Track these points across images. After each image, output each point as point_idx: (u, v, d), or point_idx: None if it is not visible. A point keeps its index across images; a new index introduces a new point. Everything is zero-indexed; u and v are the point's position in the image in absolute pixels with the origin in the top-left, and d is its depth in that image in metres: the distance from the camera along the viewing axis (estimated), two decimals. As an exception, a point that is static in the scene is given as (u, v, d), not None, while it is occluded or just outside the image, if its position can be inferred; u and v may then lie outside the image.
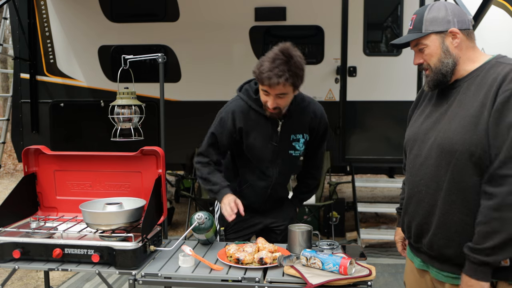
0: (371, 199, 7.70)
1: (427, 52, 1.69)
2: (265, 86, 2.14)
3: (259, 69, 2.12)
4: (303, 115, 2.36)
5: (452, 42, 1.65)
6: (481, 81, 1.61)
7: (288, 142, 2.34)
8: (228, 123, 2.30)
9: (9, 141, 7.36)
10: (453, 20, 1.65)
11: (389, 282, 4.06)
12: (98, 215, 2.06)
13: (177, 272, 1.90)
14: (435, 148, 1.64)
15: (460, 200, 1.58)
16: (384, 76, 5.38)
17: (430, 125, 1.71)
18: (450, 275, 1.66)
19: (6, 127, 6.07)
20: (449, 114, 1.65)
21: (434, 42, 1.67)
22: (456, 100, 1.65)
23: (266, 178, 2.37)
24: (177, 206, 6.87)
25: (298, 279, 1.79)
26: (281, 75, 2.07)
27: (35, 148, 2.34)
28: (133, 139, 2.56)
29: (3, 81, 15.12)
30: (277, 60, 2.09)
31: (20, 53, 5.59)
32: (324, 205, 5.29)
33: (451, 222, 1.61)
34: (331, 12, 5.32)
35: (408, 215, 1.78)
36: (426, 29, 1.67)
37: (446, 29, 1.65)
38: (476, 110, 1.56)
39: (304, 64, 2.18)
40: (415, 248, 1.80)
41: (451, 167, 1.59)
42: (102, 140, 3.66)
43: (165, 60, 3.05)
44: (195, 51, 5.38)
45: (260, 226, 2.45)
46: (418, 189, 1.71)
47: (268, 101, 2.18)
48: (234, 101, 2.36)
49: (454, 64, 1.66)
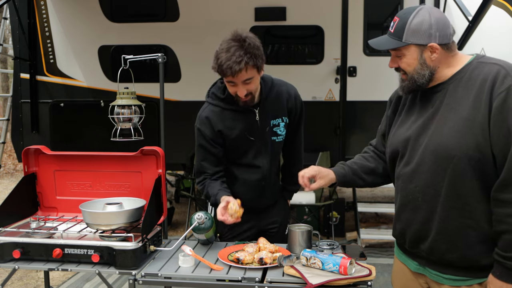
0: (371, 199, 7.70)
1: (404, 60, 1.67)
2: (228, 77, 2.10)
3: (217, 63, 2.09)
4: (278, 98, 2.34)
5: (431, 56, 1.63)
6: (467, 83, 1.59)
7: (269, 129, 2.33)
8: (207, 131, 2.27)
9: (9, 141, 7.35)
10: (434, 34, 1.61)
11: (389, 282, 4.05)
12: (98, 215, 2.06)
13: (177, 272, 1.90)
14: (428, 154, 1.62)
15: (461, 204, 1.57)
16: (384, 76, 5.37)
17: (418, 131, 1.68)
18: (451, 277, 1.65)
19: (6, 127, 6.08)
20: (438, 119, 1.63)
21: (412, 54, 1.64)
22: (444, 104, 1.63)
23: (258, 170, 2.34)
24: (177, 206, 6.87)
25: (298, 279, 1.79)
26: (240, 61, 2.04)
27: (35, 148, 2.33)
28: (133, 139, 2.56)
29: (3, 81, 15.12)
30: (232, 48, 2.05)
31: (20, 53, 5.59)
32: (324, 205, 5.29)
33: (452, 227, 1.60)
34: (331, 12, 5.32)
35: (401, 222, 1.76)
36: (407, 39, 1.63)
37: (426, 43, 1.62)
38: (469, 113, 1.55)
39: (259, 43, 2.13)
40: (411, 252, 1.79)
41: (448, 172, 1.57)
42: (102, 140, 3.66)
43: (165, 60, 3.05)
44: (195, 51, 5.37)
45: (254, 230, 2.41)
46: (413, 196, 1.69)
47: (237, 91, 2.16)
48: (205, 108, 2.33)
49: (431, 74, 1.65)
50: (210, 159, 2.31)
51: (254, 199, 2.36)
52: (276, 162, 2.44)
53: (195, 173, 2.40)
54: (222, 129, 2.27)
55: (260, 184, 2.36)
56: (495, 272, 1.54)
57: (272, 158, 2.37)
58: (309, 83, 5.42)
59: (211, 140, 2.28)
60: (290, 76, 5.41)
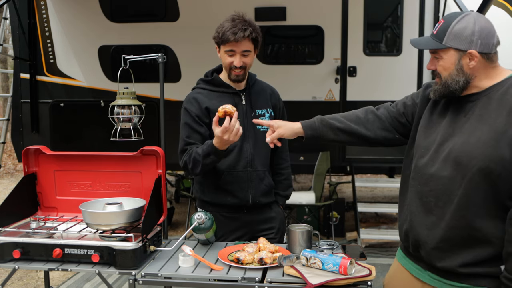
0: (371, 199, 7.71)
1: (441, 64, 1.65)
2: (231, 43, 2.23)
3: (221, 30, 2.24)
4: (263, 91, 2.46)
5: (469, 63, 1.60)
6: (502, 97, 1.56)
7: (254, 115, 2.37)
8: (193, 108, 2.33)
9: (9, 141, 7.36)
10: (476, 42, 1.58)
11: (389, 282, 4.06)
12: (98, 215, 2.06)
13: (177, 272, 1.90)
14: (450, 161, 1.60)
15: (471, 214, 1.55)
16: (384, 76, 5.38)
17: (445, 137, 1.66)
18: (451, 284, 1.64)
19: (6, 127, 6.08)
20: (468, 127, 1.60)
21: (451, 58, 1.62)
22: (475, 114, 1.60)
23: (242, 155, 2.33)
24: (177, 206, 6.87)
25: (298, 279, 1.79)
26: (245, 29, 2.22)
27: (35, 148, 2.33)
28: (133, 139, 2.55)
29: (3, 81, 15.12)
30: (236, 19, 2.25)
31: (20, 53, 5.59)
32: (324, 205, 5.30)
33: (458, 236, 1.58)
34: (331, 12, 5.33)
35: (408, 224, 1.75)
36: (447, 42, 1.61)
37: (466, 49, 1.59)
38: (499, 127, 1.52)
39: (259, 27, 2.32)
40: (414, 256, 1.78)
41: (465, 181, 1.55)
42: (102, 140, 3.66)
43: (165, 60, 3.05)
44: (195, 51, 5.38)
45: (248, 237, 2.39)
46: (426, 200, 1.67)
47: (234, 60, 2.26)
48: (192, 92, 2.43)
49: (466, 82, 1.62)
50: (194, 137, 2.31)
51: (243, 189, 2.34)
52: (261, 153, 2.40)
53: (179, 152, 2.34)
54: (209, 106, 2.31)
55: (246, 172, 2.34)
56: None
57: (256, 145, 2.36)
58: (309, 83, 5.42)
59: (197, 116, 2.32)
60: (290, 76, 5.48)
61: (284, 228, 2.52)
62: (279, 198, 2.53)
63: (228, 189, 2.34)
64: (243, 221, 2.39)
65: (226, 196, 2.35)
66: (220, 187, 2.35)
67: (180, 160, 2.34)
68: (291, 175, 2.62)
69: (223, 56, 2.30)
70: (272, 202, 2.48)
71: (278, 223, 2.48)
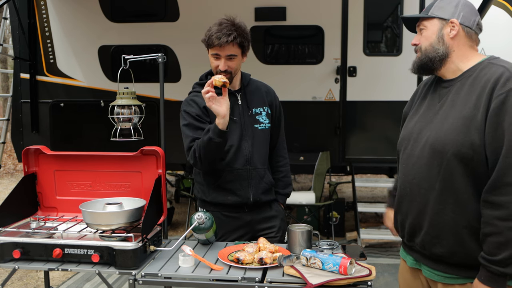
0: (371, 199, 7.71)
1: (424, 34, 1.72)
2: (215, 48, 2.26)
3: (208, 33, 2.27)
4: (258, 91, 2.48)
5: (449, 33, 1.67)
6: (473, 82, 1.61)
7: (251, 116, 2.39)
8: (192, 110, 2.35)
9: (9, 141, 7.36)
10: (458, 13, 1.67)
11: (389, 282, 4.06)
12: (98, 215, 2.06)
13: (177, 272, 1.90)
14: (427, 148, 1.65)
15: (453, 200, 1.59)
16: (384, 76, 5.38)
17: (423, 125, 1.71)
18: (442, 275, 1.66)
19: (6, 127, 6.08)
20: (442, 114, 1.65)
21: (433, 27, 1.70)
22: (449, 100, 1.65)
23: (240, 153, 2.33)
24: (177, 206, 6.88)
25: (298, 279, 1.79)
26: (230, 34, 2.23)
27: (35, 148, 2.33)
28: (133, 139, 2.55)
29: (3, 81, 15.12)
30: (224, 23, 2.27)
31: (20, 53, 5.59)
32: (324, 205, 5.30)
33: (444, 221, 1.61)
34: (331, 12, 5.32)
35: (401, 214, 1.80)
36: (432, 12, 1.71)
37: (448, 18, 1.67)
38: (468, 112, 1.56)
39: (249, 31, 2.35)
40: (408, 246, 1.82)
41: (443, 167, 1.60)
42: (102, 140, 3.66)
43: (165, 60, 3.05)
44: (195, 51, 5.34)
45: (249, 236, 2.40)
46: (411, 188, 1.72)
47: (219, 64, 2.29)
48: (188, 96, 2.45)
49: (445, 54, 1.68)
50: (199, 133, 2.30)
51: (243, 188, 2.35)
52: (259, 151, 2.41)
53: (186, 150, 2.35)
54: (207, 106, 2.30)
55: (245, 170, 2.35)
56: (480, 276, 1.54)
57: (254, 143, 2.37)
58: (309, 83, 5.42)
59: (197, 115, 2.34)
60: (290, 76, 5.48)
61: (285, 227, 2.53)
62: (279, 196, 2.53)
63: (228, 187, 2.35)
64: (244, 220, 2.39)
65: (226, 195, 2.35)
66: (220, 186, 2.36)
67: (188, 156, 2.34)
68: (290, 172, 2.62)
69: (210, 59, 2.34)
70: (272, 201, 2.49)
71: (279, 222, 2.48)
